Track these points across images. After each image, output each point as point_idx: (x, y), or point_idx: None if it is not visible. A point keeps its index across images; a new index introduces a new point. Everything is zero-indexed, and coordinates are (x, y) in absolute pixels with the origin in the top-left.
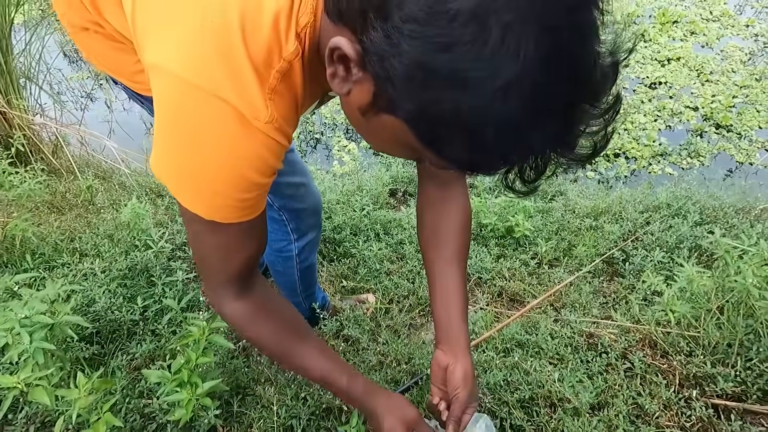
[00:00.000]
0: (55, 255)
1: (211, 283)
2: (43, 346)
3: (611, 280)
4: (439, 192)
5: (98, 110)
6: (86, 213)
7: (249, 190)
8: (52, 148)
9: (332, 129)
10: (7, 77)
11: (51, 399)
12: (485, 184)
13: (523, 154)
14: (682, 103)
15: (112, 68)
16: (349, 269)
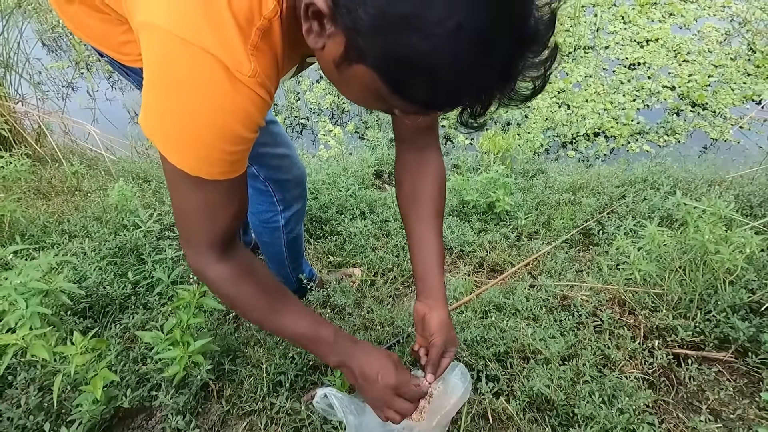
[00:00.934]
0: (44, 236)
1: (193, 246)
2: (39, 310)
3: (587, 249)
4: (416, 156)
5: (80, 98)
6: (73, 198)
7: (234, 143)
8: (35, 136)
9: (318, 114)
10: None
11: (50, 354)
12: (468, 164)
13: (473, 93)
14: (659, 83)
15: (99, 40)
16: (336, 246)
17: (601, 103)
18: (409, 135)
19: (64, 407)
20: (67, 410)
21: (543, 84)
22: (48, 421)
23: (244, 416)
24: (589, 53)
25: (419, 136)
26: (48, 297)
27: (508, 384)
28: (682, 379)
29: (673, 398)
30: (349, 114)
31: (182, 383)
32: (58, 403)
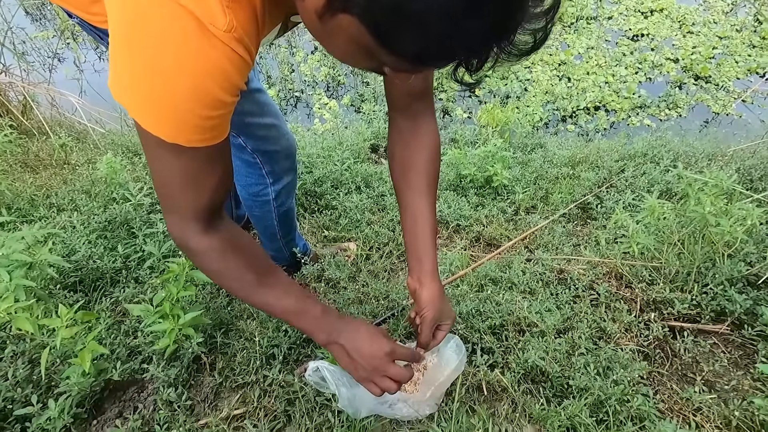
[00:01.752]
0: (32, 209)
1: (175, 217)
2: (23, 283)
3: (585, 224)
4: (410, 124)
5: (67, 69)
6: (61, 171)
7: (212, 107)
8: (20, 108)
9: (312, 87)
10: None
11: (35, 328)
12: (466, 138)
13: (467, 46)
14: (663, 55)
15: (67, 0)
16: (331, 220)
17: (602, 75)
18: (401, 101)
19: (54, 380)
20: (56, 382)
21: (544, 38)
22: (36, 394)
23: (237, 388)
24: (591, 24)
25: (412, 103)
26: (33, 270)
27: (503, 356)
28: (677, 351)
29: (668, 370)
30: (345, 87)
31: (173, 356)
32: (47, 377)
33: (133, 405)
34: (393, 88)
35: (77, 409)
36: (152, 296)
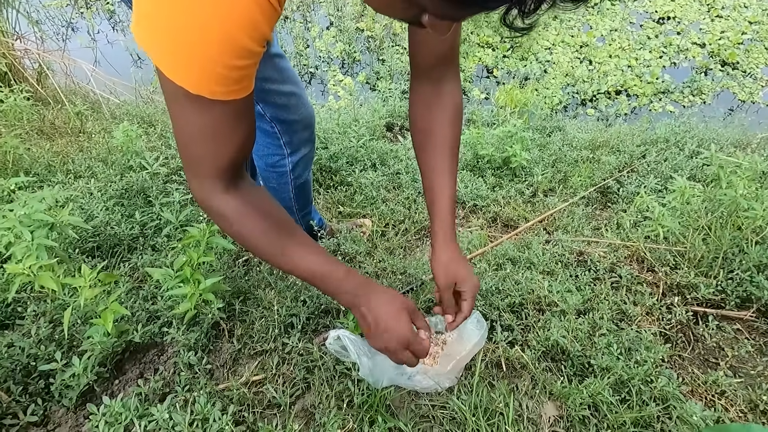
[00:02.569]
0: (49, 175)
1: (198, 175)
2: (45, 242)
3: (605, 207)
4: (432, 88)
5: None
6: (77, 139)
7: (239, 56)
8: (36, 76)
9: (327, 63)
10: None
11: (58, 285)
12: (483, 119)
13: None
14: (689, 39)
15: None
16: (346, 196)
17: (625, 59)
18: (426, 64)
19: (75, 339)
20: (78, 342)
21: None
22: (59, 351)
23: (255, 355)
24: (616, 5)
25: (437, 66)
26: (54, 230)
27: (523, 334)
28: (699, 336)
29: (690, 354)
30: (361, 64)
31: (193, 321)
32: (69, 336)
33: (154, 367)
34: (419, 49)
35: (100, 368)
36: (172, 261)
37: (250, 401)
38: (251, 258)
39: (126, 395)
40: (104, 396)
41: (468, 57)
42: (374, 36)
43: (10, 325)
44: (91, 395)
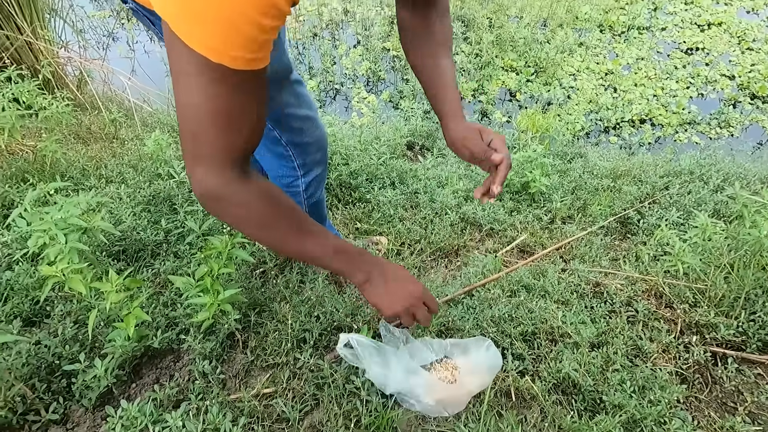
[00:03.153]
0: (83, 179)
1: (205, 162)
2: (78, 246)
3: (624, 238)
4: (420, 21)
5: (120, 48)
6: (111, 145)
7: (268, 14)
8: (76, 83)
9: (353, 80)
10: (32, 7)
11: (86, 289)
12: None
13: None
14: (718, 71)
15: None
16: (364, 213)
17: (651, 88)
18: None
19: (98, 341)
20: (101, 344)
21: None
22: (83, 352)
23: (267, 368)
24: (643, 34)
25: None
26: (86, 234)
27: (534, 364)
28: (718, 378)
29: (707, 396)
30: (385, 82)
31: (209, 330)
32: (92, 337)
33: (170, 373)
34: None
35: (119, 371)
36: (193, 270)
37: (260, 414)
38: (268, 270)
39: (142, 399)
40: (122, 399)
41: (491, 80)
42: (400, 56)
43: (37, 323)
44: (109, 397)
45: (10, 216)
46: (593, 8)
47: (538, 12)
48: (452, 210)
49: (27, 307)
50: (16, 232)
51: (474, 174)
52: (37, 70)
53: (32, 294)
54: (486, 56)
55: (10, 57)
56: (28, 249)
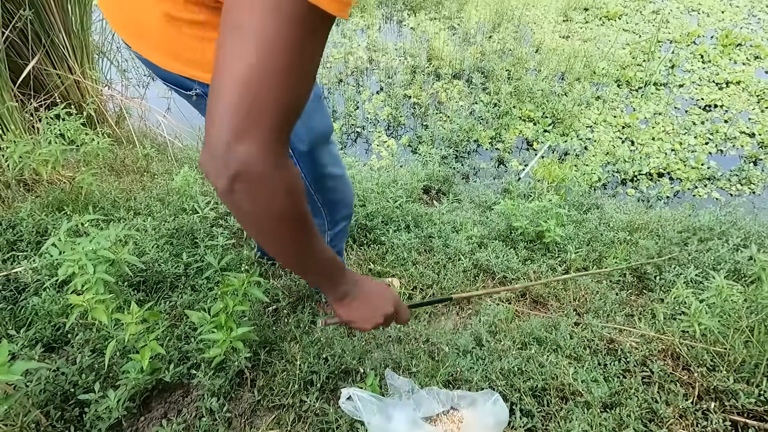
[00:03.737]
0: (113, 210)
1: (256, 135)
2: (104, 277)
3: (640, 294)
4: None
5: (158, 88)
6: (142, 178)
7: None
8: (115, 118)
9: (374, 125)
10: (84, 50)
11: (109, 319)
12: (519, 190)
13: None
14: (737, 128)
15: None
16: (378, 255)
17: (668, 142)
18: None
19: (112, 371)
20: (115, 374)
21: None
22: (98, 381)
23: (273, 409)
24: (660, 90)
25: None
26: (112, 266)
27: (543, 422)
28: None
29: None
30: (405, 127)
31: (220, 367)
32: (108, 366)
33: (178, 408)
34: None
35: (129, 403)
36: (210, 306)
37: None
38: (280, 308)
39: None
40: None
41: (509, 129)
42: (420, 103)
43: (56, 349)
44: (118, 429)
45: (42, 242)
46: (610, 64)
47: (556, 66)
48: (465, 256)
49: (49, 332)
50: (47, 260)
51: (489, 221)
52: (83, 106)
53: (55, 320)
54: (504, 106)
55: (60, 94)
56: (58, 277)
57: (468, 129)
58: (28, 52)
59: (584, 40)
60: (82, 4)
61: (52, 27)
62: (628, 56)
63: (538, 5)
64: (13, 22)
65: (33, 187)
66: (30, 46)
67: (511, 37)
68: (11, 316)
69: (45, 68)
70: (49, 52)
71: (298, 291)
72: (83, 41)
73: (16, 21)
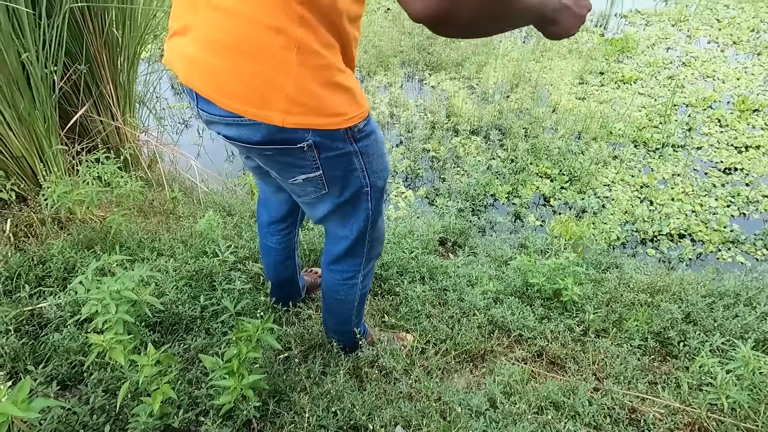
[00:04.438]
0: (138, 250)
1: None
2: (125, 317)
3: (664, 360)
4: None
5: (191, 135)
6: (167, 220)
7: None
8: (148, 162)
9: (393, 176)
10: (127, 100)
11: (125, 361)
12: (536, 245)
13: None
14: (759, 191)
15: (318, 102)
16: (392, 306)
17: (689, 204)
18: None
19: (123, 413)
20: (125, 416)
21: None
22: (108, 423)
23: None
24: (678, 152)
25: None
26: (134, 306)
27: None
28: None
29: None
30: (423, 180)
31: (228, 414)
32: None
33: None
34: None
35: None
36: (223, 351)
37: None
38: (292, 356)
39: None
40: None
41: (526, 185)
42: (438, 157)
43: (70, 387)
44: None
45: (69, 279)
46: (627, 125)
47: (573, 125)
48: (480, 311)
49: (65, 369)
50: (72, 297)
51: (505, 276)
52: (120, 150)
53: (72, 358)
54: (521, 162)
55: (101, 139)
56: (81, 315)
57: (485, 183)
58: (77, 101)
59: (600, 102)
60: (131, 60)
61: (102, 79)
62: (644, 118)
63: (554, 68)
64: (68, 74)
65: (66, 225)
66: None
67: (528, 97)
68: (31, 351)
69: (90, 115)
70: (96, 102)
71: (310, 339)
72: (128, 92)
73: (71, 74)
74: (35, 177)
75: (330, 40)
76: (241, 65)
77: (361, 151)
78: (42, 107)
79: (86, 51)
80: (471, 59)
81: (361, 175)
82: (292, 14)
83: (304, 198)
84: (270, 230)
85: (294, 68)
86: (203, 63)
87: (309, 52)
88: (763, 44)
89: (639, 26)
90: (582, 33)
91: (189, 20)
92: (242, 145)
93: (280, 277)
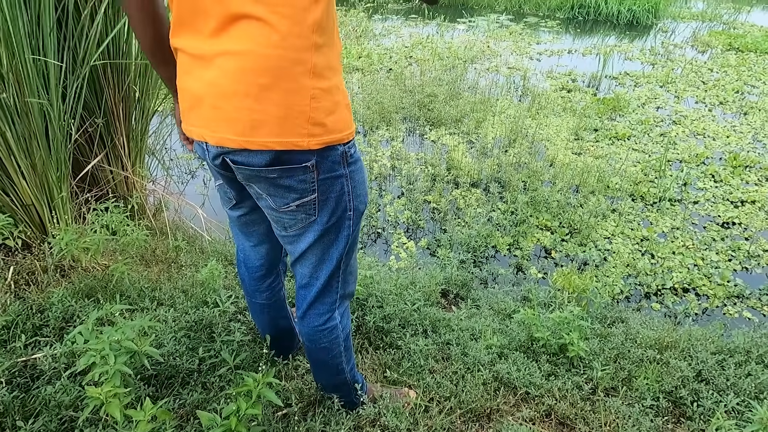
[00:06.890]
0: (139, 299)
1: None
2: (123, 369)
3: (678, 422)
4: None
5: (197, 185)
6: (169, 269)
7: None
8: (153, 211)
9: (394, 226)
10: (139, 151)
11: (121, 416)
12: (539, 299)
13: None
14: (759, 246)
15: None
16: (393, 360)
17: (690, 257)
18: None
19: None
20: None
21: None
22: None
23: None
24: (675, 206)
25: None
26: (132, 358)
27: None
28: None
29: None
30: (424, 231)
31: None
32: None
33: None
34: None
35: None
36: (221, 408)
37: None
38: (291, 413)
39: None
40: None
41: (527, 237)
42: (439, 208)
43: None
44: None
45: (66, 329)
46: (623, 179)
47: (570, 179)
48: (485, 367)
49: (54, 425)
50: (68, 347)
51: (509, 329)
52: (128, 199)
53: (63, 413)
54: (521, 214)
55: (110, 188)
56: (76, 367)
57: (486, 235)
58: (90, 151)
59: (596, 157)
60: (145, 114)
61: (116, 131)
62: (639, 173)
63: (550, 125)
64: (84, 126)
65: (68, 272)
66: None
67: (526, 151)
68: (21, 405)
69: (101, 165)
70: (108, 153)
71: (309, 395)
72: (139, 144)
73: (87, 126)
74: (42, 225)
75: (334, 62)
76: (266, 100)
77: (350, 176)
78: (56, 157)
79: (105, 104)
80: (470, 116)
81: (347, 199)
82: (308, 44)
83: (290, 230)
84: (258, 288)
85: (311, 92)
86: (228, 117)
87: (320, 75)
88: (748, 104)
89: (629, 87)
90: (575, 92)
91: (203, 79)
92: (248, 170)
93: (278, 330)
